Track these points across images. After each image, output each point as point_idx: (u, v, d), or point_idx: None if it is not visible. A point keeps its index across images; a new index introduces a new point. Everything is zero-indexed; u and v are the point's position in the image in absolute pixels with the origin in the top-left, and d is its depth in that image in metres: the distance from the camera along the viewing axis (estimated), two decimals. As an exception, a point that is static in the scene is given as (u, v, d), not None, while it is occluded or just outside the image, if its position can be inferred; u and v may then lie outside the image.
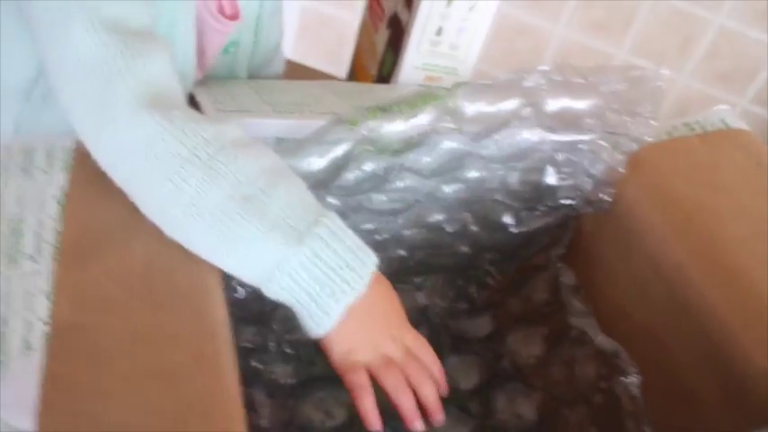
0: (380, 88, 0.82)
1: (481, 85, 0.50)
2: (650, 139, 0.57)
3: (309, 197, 0.44)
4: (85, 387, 0.36)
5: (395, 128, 0.49)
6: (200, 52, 0.69)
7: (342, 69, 1.05)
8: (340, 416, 0.64)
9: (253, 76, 0.80)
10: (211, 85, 0.71)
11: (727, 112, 0.74)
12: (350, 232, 0.44)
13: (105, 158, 0.44)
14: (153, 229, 0.44)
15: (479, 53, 0.84)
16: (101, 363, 0.37)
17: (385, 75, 0.89)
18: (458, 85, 0.50)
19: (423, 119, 0.49)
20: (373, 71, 0.92)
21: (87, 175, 0.48)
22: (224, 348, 0.40)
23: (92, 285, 0.41)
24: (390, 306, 0.48)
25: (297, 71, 1.07)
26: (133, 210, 0.45)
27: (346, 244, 0.43)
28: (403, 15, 0.83)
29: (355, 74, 1.02)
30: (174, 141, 0.42)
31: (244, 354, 0.65)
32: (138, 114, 0.42)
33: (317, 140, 0.48)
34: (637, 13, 1.47)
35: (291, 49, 1.52)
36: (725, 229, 0.58)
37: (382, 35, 0.89)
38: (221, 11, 0.67)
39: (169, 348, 0.39)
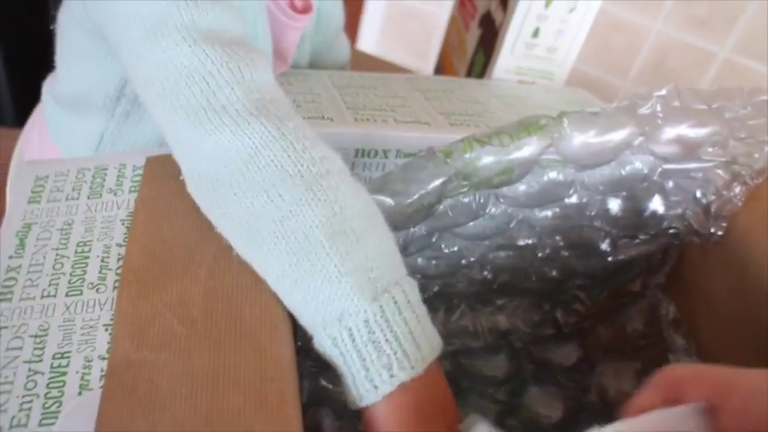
0: (472, 84, 0.77)
1: (590, 114, 0.45)
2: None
3: (397, 255, 0.41)
4: (139, 432, 0.34)
5: (493, 160, 0.44)
6: (281, 55, 0.67)
7: (428, 66, 1.01)
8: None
9: (315, 62, 0.77)
10: (292, 81, 0.69)
11: None
12: (424, 308, 0.40)
13: (202, 169, 0.41)
14: (220, 254, 0.41)
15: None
16: (156, 406, 0.35)
17: (475, 76, 0.84)
18: (564, 113, 0.45)
19: (525, 150, 0.44)
20: (462, 72, 0.88)
21: (155, 194, 0.46)
22: (288, 394, 0.36)
23: (152, 318, 0.39)
24: (447, 402, 0.41)
25: (377, 66, 1.03)
26: (200, 233, 0.43)
27: (418, 317, 0.39)
28: (497, 15, 0.78)
29: (442, 72, 0.98)
30: (282, 153, 0.39)
31: (313, 373, 0.63)
32: (248, 123, 0.39)
33: (405, 175, 0.44)
34: (743, 9, 1.37)
35: (375, 44, 1.48)
36: None
37: (473, 34, 0.85)
38: (293, 6, 0.65)
39: (228, 392, 0.35)
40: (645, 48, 1.48)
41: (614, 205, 0.55)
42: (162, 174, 0.48)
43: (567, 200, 0.54)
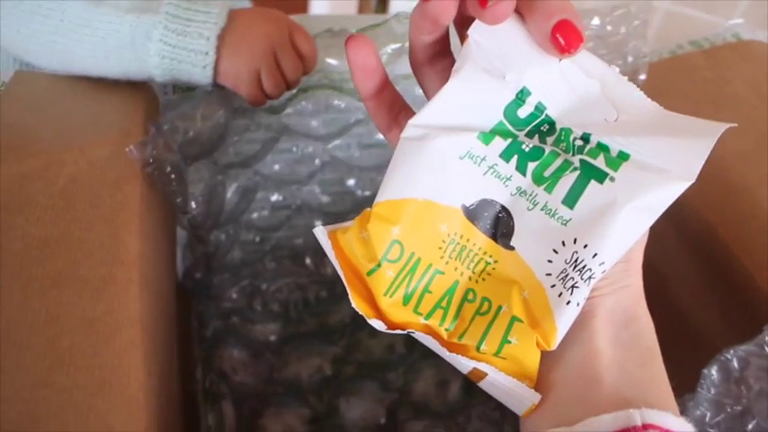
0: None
1: None
2: (644, 78, 0.52)
3: None
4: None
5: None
6: None
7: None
8: (326, 370, 0.61)
9: None
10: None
11: (742, 26, 0.68)
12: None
13: None
14: (86, 148, 0.44)
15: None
16: (2, 263, 0.36)
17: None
18: None
19: None
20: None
21: (21, 95, 0.48)
22: (136, 276, 0.38)
23: (10, 184, 0.40)
24: (263, 20, 0.51)
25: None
26: (68, 127, 0.46)
27: (190, 2, 0.49)
28: (390, -38, 0.80)
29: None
30: None
31: (226, 312, 0.64)
32: None
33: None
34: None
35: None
36: (725, 145, 0.52)
37: (376, -13, 0.87)
38: None
39: (80, 264, 0.37)
40: None
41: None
42: (31, 81, 0.50)
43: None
